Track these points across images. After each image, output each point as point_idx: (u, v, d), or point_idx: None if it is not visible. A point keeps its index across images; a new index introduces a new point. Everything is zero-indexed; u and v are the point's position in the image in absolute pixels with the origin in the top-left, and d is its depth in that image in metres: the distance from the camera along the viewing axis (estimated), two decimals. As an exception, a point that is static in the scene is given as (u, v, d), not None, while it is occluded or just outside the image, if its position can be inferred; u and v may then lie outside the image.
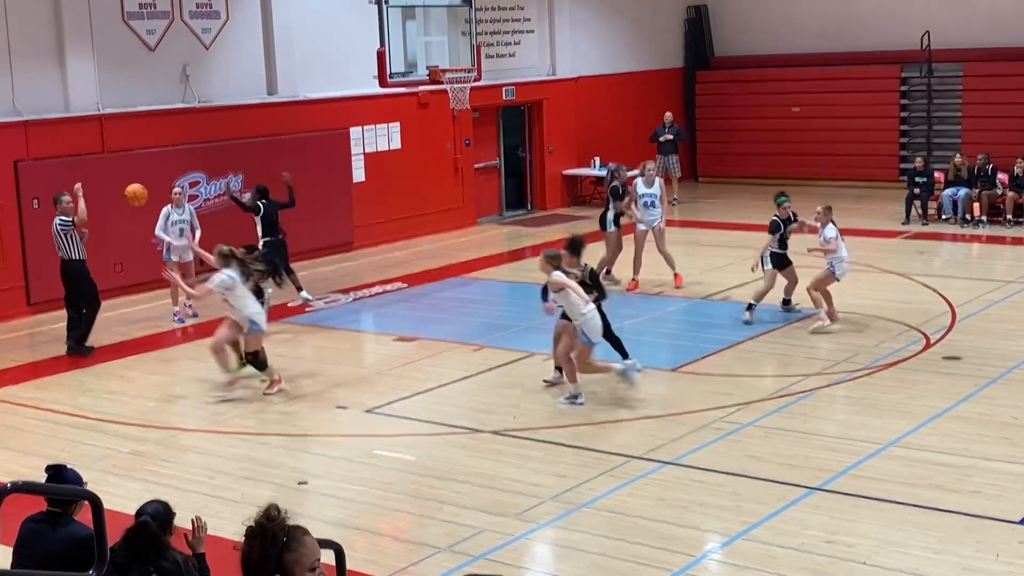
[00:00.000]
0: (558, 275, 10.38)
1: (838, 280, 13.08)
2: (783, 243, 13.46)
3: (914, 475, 8.79)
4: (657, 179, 15.57)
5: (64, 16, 15.57)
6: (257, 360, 11.33)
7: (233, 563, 3.86)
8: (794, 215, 13.64)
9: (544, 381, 11.33)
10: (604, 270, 15.07)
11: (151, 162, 16.26)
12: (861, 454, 9.24)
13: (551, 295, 10.68)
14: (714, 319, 13.88)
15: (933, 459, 9.12)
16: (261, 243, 14.56)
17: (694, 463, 9.22)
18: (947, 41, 22.48)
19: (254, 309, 11.26)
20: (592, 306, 10.47)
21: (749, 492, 8.60)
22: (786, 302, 13.66)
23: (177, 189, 14.87)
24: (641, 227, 15.42)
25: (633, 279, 15.38)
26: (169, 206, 14.49)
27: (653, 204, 15.38)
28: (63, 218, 13.03)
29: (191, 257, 14.40)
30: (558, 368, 11.15)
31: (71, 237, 13.02)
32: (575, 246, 11.07)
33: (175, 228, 14.46)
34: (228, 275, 11.11)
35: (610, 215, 15.45)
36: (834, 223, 13.14)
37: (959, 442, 9.46)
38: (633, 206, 15.42)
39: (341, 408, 11.06)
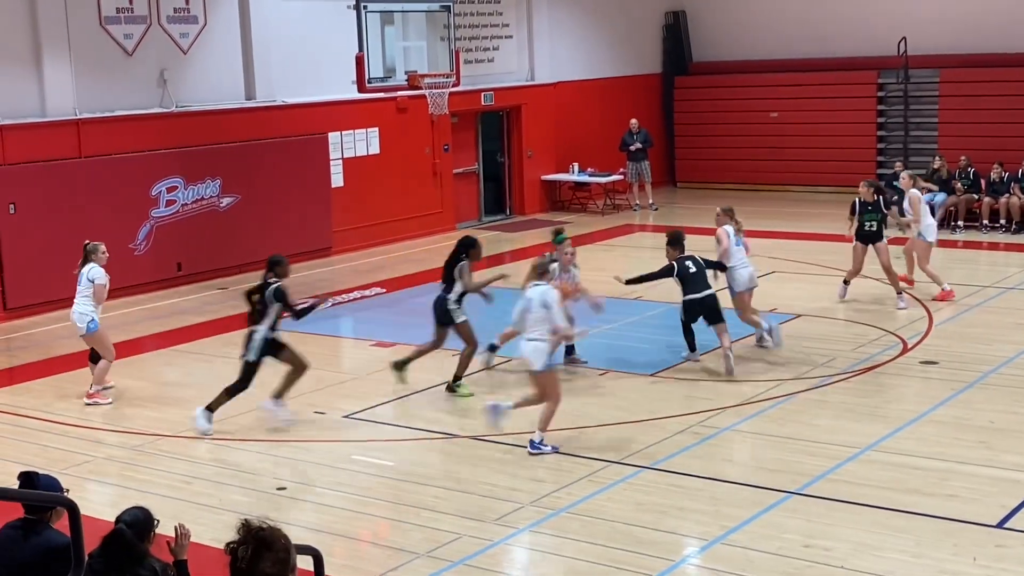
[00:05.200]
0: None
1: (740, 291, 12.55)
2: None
3: (891, 479, 8.83)
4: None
5: (41, 20, 15.49)
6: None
7: (212, 569, 3.85)
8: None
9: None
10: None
11: (129, 167, 16.20)
12: (839, 458, 9.28)
13: None
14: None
15: (910, 463, 9.17)
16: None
17: (672, 467, 9.24)
18: (923, 47, 22.64)
19: None
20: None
21: (727, 496, 8.63)
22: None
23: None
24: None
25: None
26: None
27: None
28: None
29: None
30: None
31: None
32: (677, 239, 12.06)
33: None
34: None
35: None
36: (733, 227, 12.60)
37: (936, 446, 9.52)
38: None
39: (319, 413, 11.03)
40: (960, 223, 19.47)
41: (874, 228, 14.24)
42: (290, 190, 18.14)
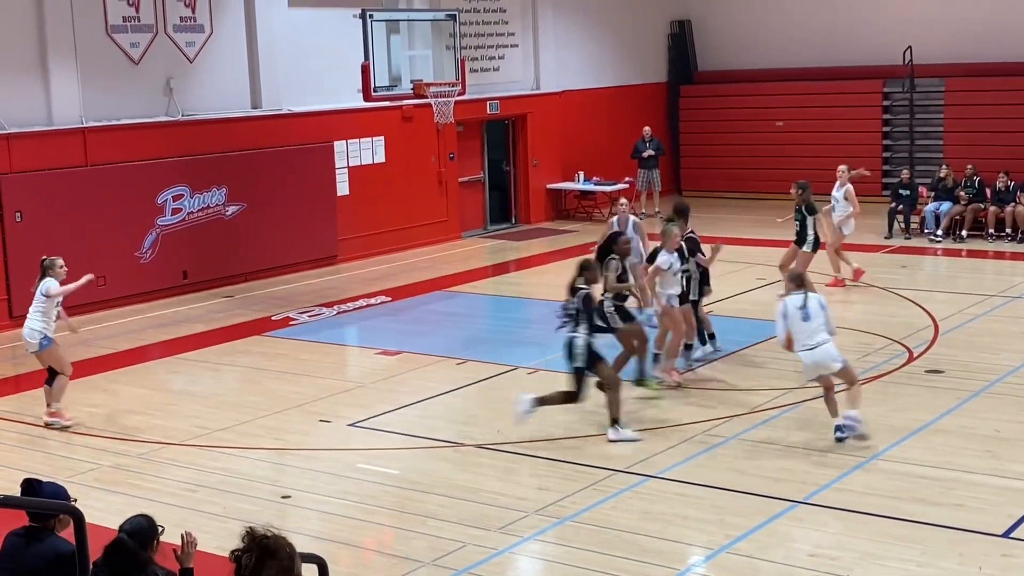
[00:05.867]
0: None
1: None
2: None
3: (897, 488, 8.81)
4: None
5: (48, 29, 15.54)
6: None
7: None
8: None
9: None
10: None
11: (135, 175, 16.24)
12: (844, 467, 9.26)
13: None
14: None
15: (916, 472, 9.15)
16: None
17: (678, 476, 9.22)
18: (929, 57, 22.63)
19: None
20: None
21: (732, 505, 8.61)
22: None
23: None
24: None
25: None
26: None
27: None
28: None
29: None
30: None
31: None
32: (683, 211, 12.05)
33: None
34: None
35: None
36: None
37: (942, 455, 9.50)
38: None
39: (324, 421, 11.03)
40: (964, 232, 19.45)
41: (797, 230, 14.66)
42: (296, 198, 18.17)
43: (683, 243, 11.72)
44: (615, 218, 14.24)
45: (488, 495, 8.97)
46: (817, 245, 14.66)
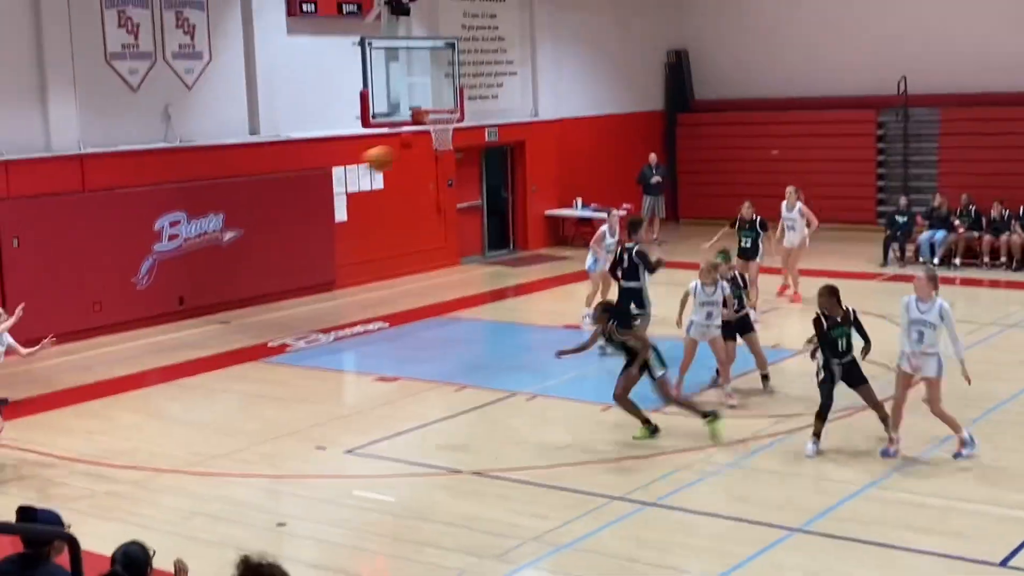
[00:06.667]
0: None
1: None
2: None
3: (895, 516, 8.80)
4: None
5: (46, 56, 15.59)
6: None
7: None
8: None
9: None
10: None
11: (132, 201, 16.26)
12: (842, 495, 9.25)
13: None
14: (697, 360, 13.87)
15: (914, 500, 9.14)
16: None
17: (675, 504, 9.20)
18: (924, 87, 22.75)
19: None
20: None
21: (730, 533, 8.59)
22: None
23: None
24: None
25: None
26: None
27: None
28: None
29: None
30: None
31: None
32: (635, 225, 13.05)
33: None
34: None
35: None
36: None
37: (939, 483, 9.48)
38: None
39: (321, 448, 11.00)
40: (958, 260, 19.50)
41: (748, 245, 16.21)
42: (293, 225, 18.18)
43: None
44: (605, 226, 15.51)
45: (485, 522, 8.94)
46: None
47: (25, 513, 5.50)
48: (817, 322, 10.30)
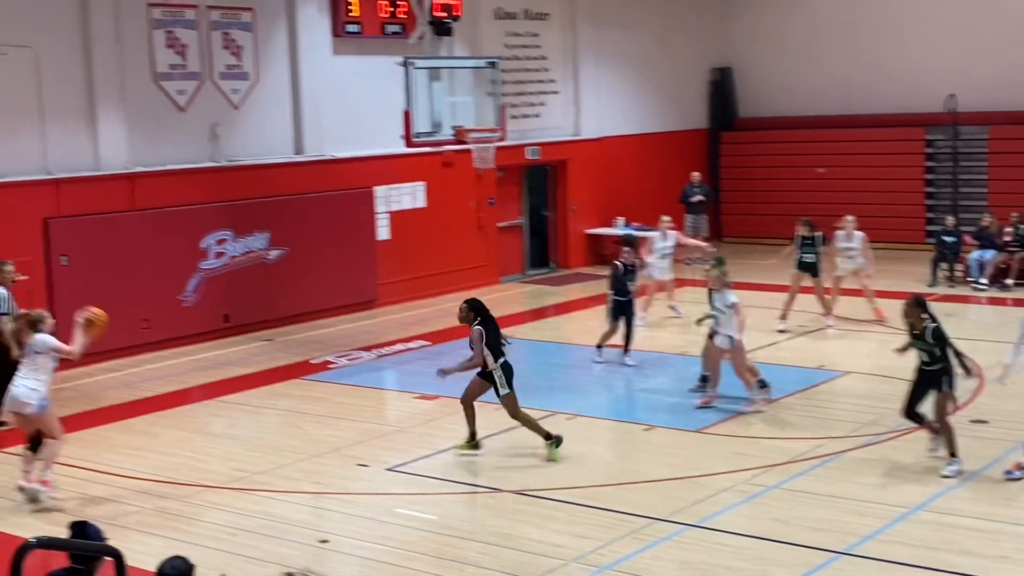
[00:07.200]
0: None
1: None
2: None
3: (941, 540, 8.67)
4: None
5: (96, 76, 15.82)
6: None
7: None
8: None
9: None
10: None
11: (179, 219, 16.44)
12: (888, 518, 9.13)
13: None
14: (739, 380, 13.80)
15: (961, 523, 9.01)
16: None
17: (718, 526, 9.13)
18: (972, 104, 22.52)
19: None
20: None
21: (774, 556, 8.51)
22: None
23: None
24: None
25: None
26: None
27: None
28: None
29: None
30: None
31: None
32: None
33: None
34: None
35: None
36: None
37: (987, 506, 9.35)
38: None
39: (362, 466, 11.03)
40: (1011, 281, 19.22)
41: (812, 261, 16.55)
42: (336, 243, 18.31)
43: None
44: (656, 233, 16.89)
45: (527, 542, 8.92)
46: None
47: (80, 528, 5.56)
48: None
